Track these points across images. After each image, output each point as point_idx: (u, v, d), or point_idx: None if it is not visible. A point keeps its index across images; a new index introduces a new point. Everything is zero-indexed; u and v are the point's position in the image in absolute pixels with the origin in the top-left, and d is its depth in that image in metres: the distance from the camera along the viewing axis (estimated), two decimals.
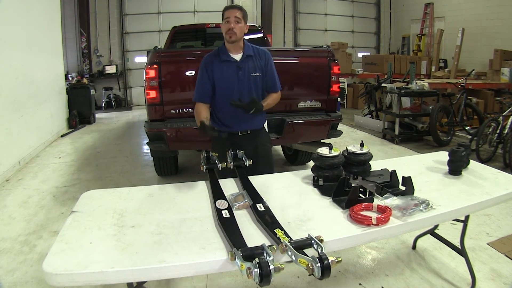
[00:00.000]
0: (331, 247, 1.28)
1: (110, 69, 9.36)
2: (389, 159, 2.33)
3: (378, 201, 1.54)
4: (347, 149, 1.84)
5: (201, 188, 1.75)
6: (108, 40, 9.41)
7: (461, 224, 2.00)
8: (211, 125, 2.02)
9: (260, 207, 1.45)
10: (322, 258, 1.07)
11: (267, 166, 2.23)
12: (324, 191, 1.67)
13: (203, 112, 2.12)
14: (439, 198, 1.58)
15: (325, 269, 1.06)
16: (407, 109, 5.77)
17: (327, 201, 1.59)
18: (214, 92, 2.16)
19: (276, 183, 1.82)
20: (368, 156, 1.81)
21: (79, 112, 7.12)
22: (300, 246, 1.17)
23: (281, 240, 1.19)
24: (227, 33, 2.05)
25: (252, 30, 5.49)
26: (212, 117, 2.22)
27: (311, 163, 1.89)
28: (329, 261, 1.06)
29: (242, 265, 1.08)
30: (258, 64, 2.15)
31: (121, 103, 9.65)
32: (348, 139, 5.63)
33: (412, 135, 5.65)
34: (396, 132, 5.51)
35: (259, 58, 2.16)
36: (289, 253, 1.15)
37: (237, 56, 2.13)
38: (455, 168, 1.89)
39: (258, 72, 2.15)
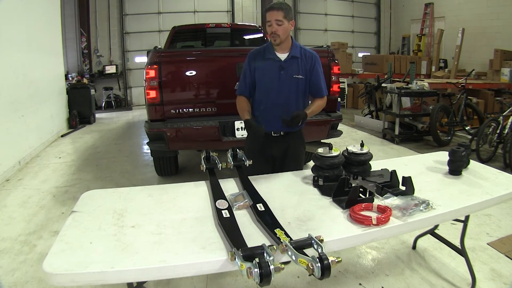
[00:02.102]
0: (331, 247, 1.28)
1: (110, 69, 9.36)
2: (389, 159, 2.33)
3: (378, 201, 1.54)
4: (347, 149, 1.85)
5: (201, 188, 1.75)
6: (108, 40, 9.42)
7: (461, 224, 2.00)
8: (257, 124, 2.02)
9: (260, 207, 1.45)
10: (322, 258, 1.07)
11: (295, 170, 2.17)
12: (324, 191, 1.67)
13: (244, 105, 2.13)
14: (439, 198, 1.58)
15: (325, 269, 1.06)
16: (407, 109, 5.77)
17: (327, 201, 1.59)
18: (254, 88, 2.15)
19: (276, 183, 1.82)
20: (368, 156, 1.81)
21: (79, 112, 7.12)
22: (300, 246, 1.17)
23: (281, 240, 1.19)
24: (271, 37, 2.04)
25: (252, 30, 5.50)
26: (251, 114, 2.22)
27: (311, 163, 1.90)
28: (329, 261, 1.06)
29: (242, 265, 1.08)
30: (303, 67, 2.10)
31: (121, 103, 9.65)
32: (348, 139, 5.63)
33: (412, 135, 5.65)
34: (396, 132, 5.51)
35: (305, 61, 2.10)
36: (289, 253, 1.15)
37: (282, 56, 2.10)
38: (455, 168, 1.89)
39: (301, 74, 2.09)
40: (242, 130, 3.25)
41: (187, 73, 3.22)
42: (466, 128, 5.56)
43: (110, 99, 9.36)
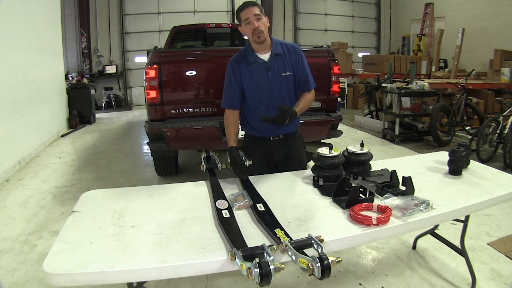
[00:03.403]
0: (331, 247, 1.28)
1: (110, 69, 9.36)
2: (389, 159, 2.33)
3: (378, 201, 1.54)
4: (347, 149, 1.84)
5: (201, 188, 1.75)
6: (108, 40, 9.42)
7: (461, 224, 2.00)
8: (241, 161, 1.86)
9: (260, 207, 1.45)
10: (322, 258, 1.07)
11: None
12: (324, 191, 1.67)
13: (231, 127, 2.01)
14: (439, 198, 1.58)
15: (325, 269, 1.06)
16: (407, 109, 5.77)
17: (327, 201, 1.58)
18: (243, 96, 2.04)
19: (276, 183, 1.82)
20: (368, 156, 1.81)
21: (79, 112, 7.12)
22: (300, 246, 1.17)
23: (281, 240, 1.19)
24: (254, 34, 1.89)
25: None
26: (243, 122, 2.13)
27: (311, 163, 1.89)
28: (329, 261, 1.06)
29: (242, 265, 1.08)
30: (289, 63, 1.99)
31: (121, 103, 9.65)
32: (348, 139, 5.63)
33: (412, 135, 5.65)
34: (396, 132, 5.51)
35: (289, 56, 1.99)
36: (289, 253, 1.15)
37: (265, 56, 1.98)
38: (455, 168, 1.89)
39: (289, 71, 1.99)
40: (241, 130, 3.25)
41: (187, 73, 3.22)
42: (466, 128, 5.56)
43: (110, 99, 9.37)
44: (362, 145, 1.83)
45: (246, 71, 2.00)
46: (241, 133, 3.27)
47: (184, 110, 3.23)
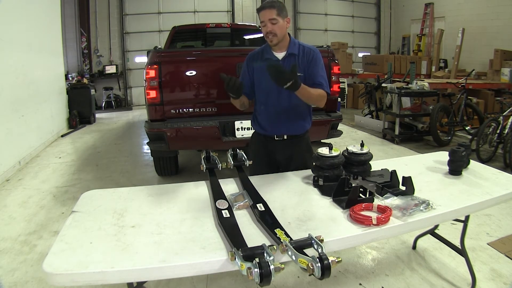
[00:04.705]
0: (331, 247, 1.28)
1: (110, 69, 9.37)
2: (389, 159, 2.33)
3: (378, 201, 1.54)
4: (347, 149, 1.84)
5: (201, 188, 1.75)
6: (108, 40, 9.42)
7: (461, 224, 2.00)
8: (236, 81, 1.84)
9: (260, 207, 1.45)
10: (322, 258, 1.07)
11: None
12: (324, 191, 1.67)
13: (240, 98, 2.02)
14: (439, 198, 1.58)
15: (325, 269, 1.05)
16: (407, 109, 5.77)
17: (327, 201, 1.58)
18: (254, 89, 2.08)
19: (276, 183, 1.82)
20: (368, 156, 1.81)
21: (79, 112, 7.13)
22: (300, 246, 1.17)
23: (281, 240, 1.19)
24: (267, 37, 1.94)
25: (252, 30, 5.51)
26: (252, 119, 2.16)
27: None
28: (329, 261, 1.06)
29: (242, 265, 1.08)
30: (301, 64, 2.00)
31: (121, 103, 9.66)
32: (348, 139, 5.63)
33: (412, 135, 5.65)
34: (396, 132, 5.51)
35: (303, 57, 2.01)
36: (289, 253, 1.14)
37: (280, 55, 2.01)
38: (455, 168, 1.89)
39: (300, 72, 1.96)
40: (242, 130, 3.25)
41: (187, 73, 3.22)
42: (466, 128, 5.56)
43: (110, 99, 9.37)
44: (362, 145, 1.83)
45: (259, 67, 2.03)
46: (242, 134, 3.30)
47: (184, 110, 3.24)
